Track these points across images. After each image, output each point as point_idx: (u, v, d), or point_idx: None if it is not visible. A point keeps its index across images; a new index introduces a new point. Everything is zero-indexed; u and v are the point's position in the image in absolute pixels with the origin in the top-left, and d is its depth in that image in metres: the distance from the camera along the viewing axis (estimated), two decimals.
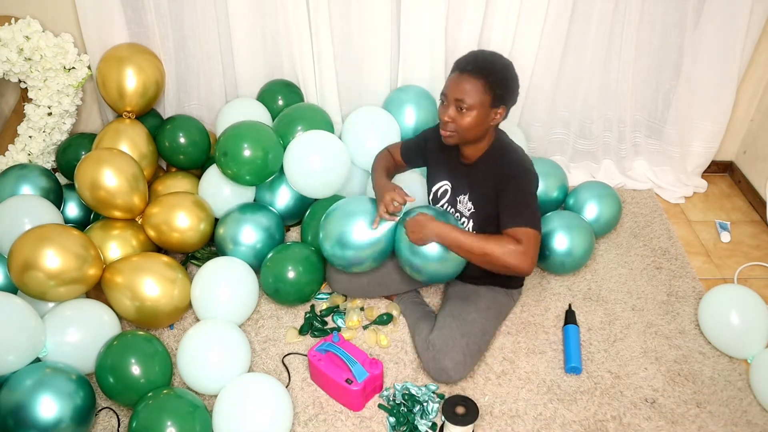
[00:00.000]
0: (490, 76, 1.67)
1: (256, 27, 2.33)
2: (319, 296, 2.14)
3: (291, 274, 2.02)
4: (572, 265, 2.20)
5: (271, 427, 1.65)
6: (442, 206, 1.95)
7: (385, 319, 2.03)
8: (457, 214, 1.90)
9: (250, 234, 2.12)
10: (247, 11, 2.28)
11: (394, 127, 2.36)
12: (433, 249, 1.79)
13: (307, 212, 2.28)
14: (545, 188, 2.37)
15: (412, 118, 2.38)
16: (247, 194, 2.27)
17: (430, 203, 1.99)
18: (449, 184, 1.91)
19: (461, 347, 1.82)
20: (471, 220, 1.87)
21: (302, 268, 2.04)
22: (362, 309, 2.07)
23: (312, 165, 2.17)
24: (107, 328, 1.85)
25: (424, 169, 2.05)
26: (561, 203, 2.42)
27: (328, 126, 2.36)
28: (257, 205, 2.22)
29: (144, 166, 2.19)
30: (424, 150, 1.98)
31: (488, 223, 1.84)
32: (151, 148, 2.24)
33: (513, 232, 1.71)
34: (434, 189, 1.96)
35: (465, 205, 1.87)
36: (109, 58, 2.21)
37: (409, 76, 2.44)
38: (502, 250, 1.69)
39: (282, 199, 2.29)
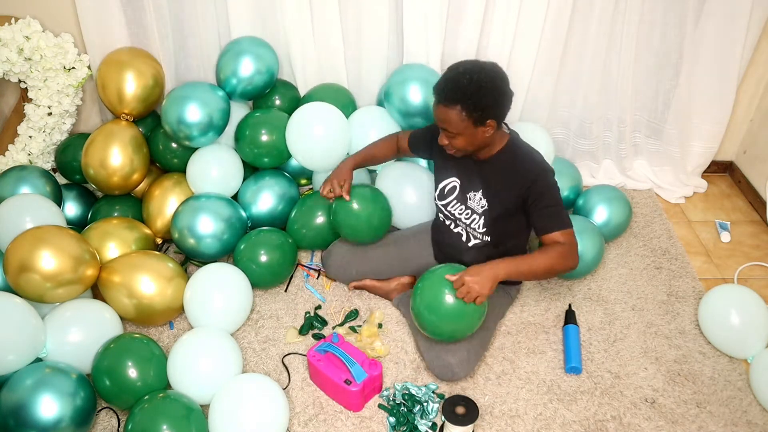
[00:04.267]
0: (463, 102, 1.63)
1: (256, 27, 2.32)
2: (309, 265, 2.16)
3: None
4: (581, 271, 2.18)
5: (268, 428, 1.65)
6: (450, 203, 1.94)
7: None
8: (468, 211, 1.90)
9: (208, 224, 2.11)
10: (247, 11, 2.28)
11: (395, 126, 2.36)
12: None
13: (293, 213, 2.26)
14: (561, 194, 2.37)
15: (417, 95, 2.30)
16: (232, 184, 2.27)
17: (436, 199, 1.99)
18: (458, 181, 1.91)
19: (464, 343, 1.82)
20: (483, 217, 1.87)
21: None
22: (380, 326, 2.05)
23: (314, 133, 2.20)
24: (109, 327, 1.85)
25: (431, 164, 2.06)
26: (572, 204, 2.42)
27: (352, 106, 2.40)
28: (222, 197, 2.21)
29: (135, 169, 2.19)
30: (431, 144, 1.97)
31: (500, 220, 1.85)
32: (144, 150, 2.24)
33: (554, 236, 1.77)
34: (441, 185, 1.95)
35: (477, 201, 1.86)
36: (110, 62, 2.21)
37: None
38: (559, 261, 1.75)
39: (264, 203, 2.28)
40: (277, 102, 2.41)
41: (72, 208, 2.28)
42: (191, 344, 1.79)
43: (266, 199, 2.27)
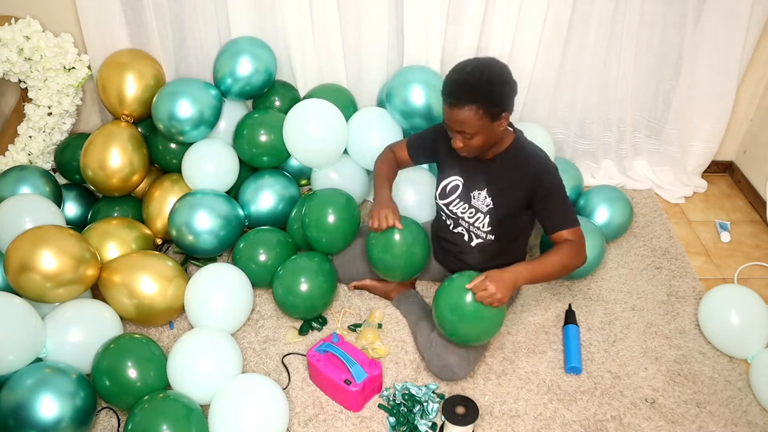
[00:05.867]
0: (479, 101, 1.63)
1: (256, 28, 2.33)
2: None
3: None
4: (582, 271, 2.18)
5: (268, 428, 1.65)
6: (452, 202, 1.92)
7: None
8: (472, 210, 1.89)
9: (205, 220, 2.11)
10: (247, 12, 2.28)
11: (396, 128, 2.36)
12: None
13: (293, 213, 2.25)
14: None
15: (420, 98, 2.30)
16: (227, 179, 2.27)
17: (437, 198, 1.97)
18: (461, 180, 1.89)
19: None
20: (488, 216, 1.86)
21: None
22: (380, 326, 2.05)
23: (310, 129, 2.21)
24: (109, 327, 1.85)
25: (433, 165, 2.04)
26: (573, 204, 2.41)
27: (353, 106, 2.41)
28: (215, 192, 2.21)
29: (135, 170, 2.19)
30: (433, 146, 1.96)
31: (506, 218, 1.85)
32: (144, 152, 2.23)
33: (563, 234, 1.79)
34: (443, 184, 1.93)
35: (482, 200, 1.86)
36: (110, 64, 2.21)
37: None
38: (571, 259, 1.78)
39: (264, 202, 2.28)
40: (277, 103, 2.41)
41: (72, 208, 2.28)
42: (191, 344, 1.79)
43: (266, 198, 2.27)
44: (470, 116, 1.64)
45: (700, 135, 2.59)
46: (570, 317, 2.06)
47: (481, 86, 1.63)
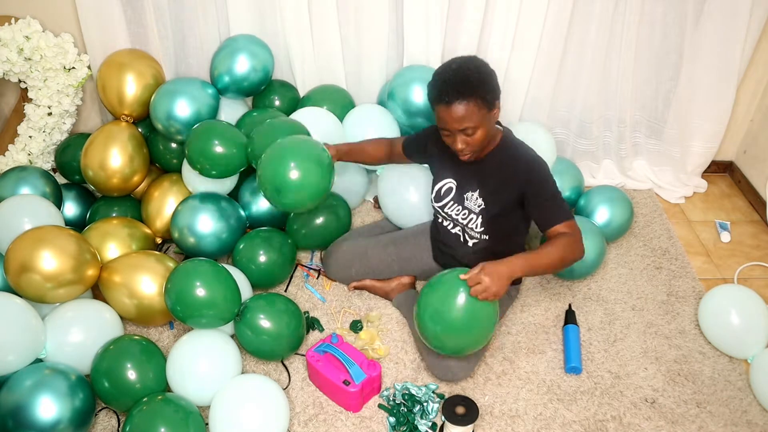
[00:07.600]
0: (476, 92, 1.64)
1: (256, 28, 2.33)
2: (309, 265, 2.09)
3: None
4: (582, 271, 2.18)
5: (268, 428, 1.65)
6: (447, 204, 1.93)
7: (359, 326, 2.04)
8: (465, 211, 1.89)
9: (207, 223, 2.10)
10: (247, 12, 2.28)
11: (392, 125, 2.36)
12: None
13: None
14: (559, 188, 2.37)
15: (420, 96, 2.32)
16: (227, 182, 2.25)
17: (432, 201, 1.98)
18: (454, 182, 1.90)
19: None
20: (480, 216, 1.86)
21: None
22: (371, 322, 2.06)
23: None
24: (109, 328, 1.85)
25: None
26: (574, 204, 2.42)
27: (352, 107, 2.42)
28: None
29: (135, 171, 2.19)
30: (425, 147, 1.99)
31: (497, 218, 1.85)
32: (144, 152, 2.23)
33: (557, 229, 1.75)
34: (437, 187, 1.95)
35: (474, 201, 1.86)
36: (110, 64, 2.21)
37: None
38: (569, 252, 1.72)
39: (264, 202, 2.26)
40: (277, 102, 2.41)
41: (71, 208, 2.28)
42: (191, 345, 1.79)
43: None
44: (471, 109, 1.65)
45: (700, 135, 2.59)
46: (570, 317, 2.06)
47: (474, 77, 1.66)
